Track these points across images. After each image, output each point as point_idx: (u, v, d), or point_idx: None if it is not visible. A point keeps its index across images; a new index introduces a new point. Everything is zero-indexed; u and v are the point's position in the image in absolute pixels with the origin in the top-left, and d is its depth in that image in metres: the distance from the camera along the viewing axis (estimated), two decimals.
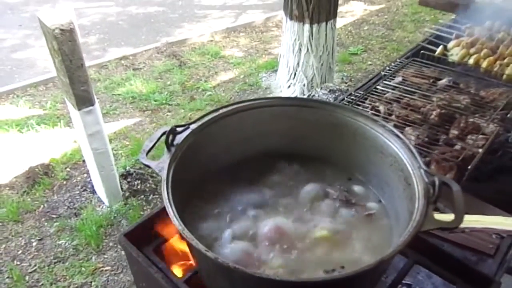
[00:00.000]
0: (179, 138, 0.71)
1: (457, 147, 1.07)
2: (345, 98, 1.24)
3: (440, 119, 1.15)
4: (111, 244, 2.81)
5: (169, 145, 0.69)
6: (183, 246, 0.88)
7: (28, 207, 3.13)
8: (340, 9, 6.51)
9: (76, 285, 2.56)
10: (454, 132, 1.12)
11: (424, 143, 1.07)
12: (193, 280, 0.84)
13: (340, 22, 5.99)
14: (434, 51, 1.51)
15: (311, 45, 3.93)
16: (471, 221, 0.90)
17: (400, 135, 0.72)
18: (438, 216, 0.61)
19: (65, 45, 2.41)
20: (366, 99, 1.26)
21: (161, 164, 0.66)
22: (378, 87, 1.30)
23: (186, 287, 0.79)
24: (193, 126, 0.73)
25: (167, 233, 0.86)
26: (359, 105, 1.22)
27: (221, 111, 0.74)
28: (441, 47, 1.53)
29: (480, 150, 1.04)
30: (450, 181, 0.62)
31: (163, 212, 0.74)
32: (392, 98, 1.26)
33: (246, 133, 0.77)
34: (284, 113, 0.77)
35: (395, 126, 1.12)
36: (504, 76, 1.34)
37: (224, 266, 0.57)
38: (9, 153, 3.63)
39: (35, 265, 2.74)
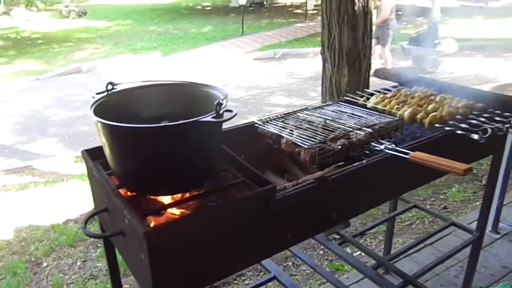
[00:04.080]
0: None
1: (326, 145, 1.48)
2: (263, 117, 1.74)
3: (322, 129, 1.58)
4: None
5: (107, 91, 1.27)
6: None
7: (83, 236, 3.81)
8: None
9: None
10: (329, 137, 1.54)
11: (300, 138, 1.51)
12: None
13: None
14: (359, 100, 1.96)
15: None
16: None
17: (223, 92, 1.21)
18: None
19: None
20: (287, 118, 1.75)
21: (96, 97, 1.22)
22: (297, 113, 1.78)
23: (108, 178, 1.26)
24: (121, 87, 1.29)
25: None
26: (272, 120, 1.71)
27: (140, 84, 1.31)
28: (364, 97, 1.97)
29: (339, 147, 1.45)
30: (232, 107, 1.08)
31: None
32: (302, 119, 1.73)
33: (152, 100, 1.32)
34: (177, 89, 1.33)
35: (290, 130, 1.58)
36: (398, 114, 1.75)
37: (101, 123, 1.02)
38: (80, 197, 4.44)
39: (73, 279, 3.30)
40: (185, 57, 10.91)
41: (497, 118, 1.68)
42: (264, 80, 9.13)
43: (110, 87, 1.25)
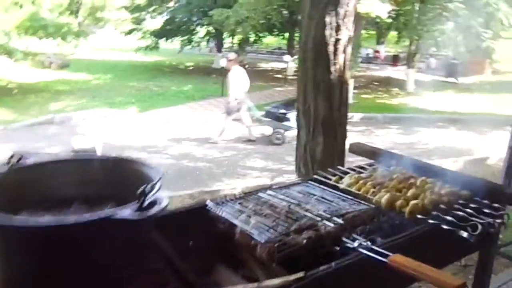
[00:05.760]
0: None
1: (288, 238, 1.23)
2: (227, 198, 1.48)
3: (286, 217, 1.33)
4: None
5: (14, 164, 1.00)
6: None
7: None
8: None
9: None
10: (293, 227, 1.28)
11: (258, 228, 1.25)
12: None
13: None
14: (331, 179, 1.74)
15: None
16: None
17: (159, 172, 0.97)
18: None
19: None
20: (247, 200, 1.50)
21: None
22: (259, 193, 1.54)
23: None
24: (32, 160, 1.03)
25: None
26: (229, 202, 1.45)
27: (58, 157, 1.06)
28: (337, 177, 1.75)
29: (304, 241, 1.20)
30: (160, 198, 0.83)
31: None
32: (264, 201, 1.48)
33: (71, 178, 1.06)
34: (104, 165, 1.07)
35: (248, 216, 1.32)
36: (374, 200, 1.52)
37: None
38: None
39: None
40: (161, 114, 10.78)
41: (486, 210, 1.47)
42: (240, 142, 9.00)
43: (15, 159, 0.98)
